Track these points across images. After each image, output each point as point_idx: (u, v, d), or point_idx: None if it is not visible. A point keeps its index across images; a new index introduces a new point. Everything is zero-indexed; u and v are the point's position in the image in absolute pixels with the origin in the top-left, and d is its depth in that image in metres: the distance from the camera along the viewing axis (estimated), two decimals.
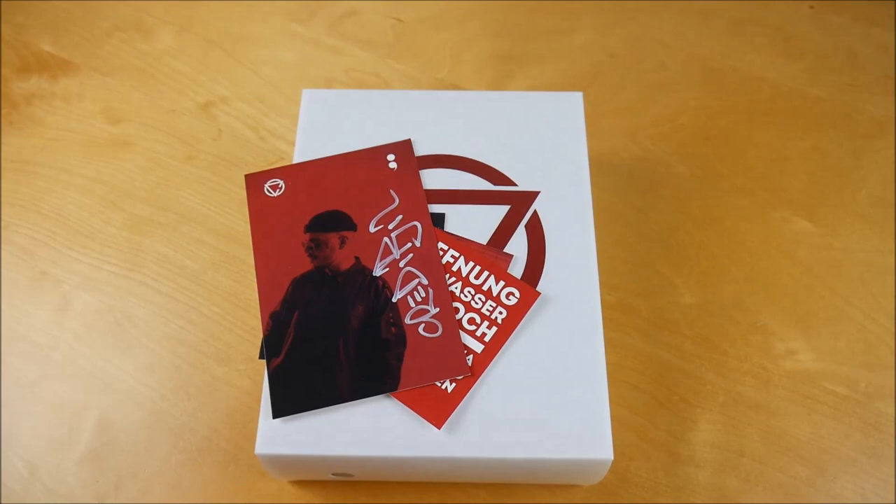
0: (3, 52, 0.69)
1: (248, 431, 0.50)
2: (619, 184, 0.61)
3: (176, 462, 0.49)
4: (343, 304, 0.44)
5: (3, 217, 0.60)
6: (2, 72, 0.68)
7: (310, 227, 0.46)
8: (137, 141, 0.64)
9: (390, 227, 0.46)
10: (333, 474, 0.46)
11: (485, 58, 0.68)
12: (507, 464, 0.41)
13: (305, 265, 0.45)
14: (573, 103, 0.49)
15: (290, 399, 0.41)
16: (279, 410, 0.41)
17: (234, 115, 0.65)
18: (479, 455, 0.40)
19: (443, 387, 0.41)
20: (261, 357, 0.43)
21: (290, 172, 0.48)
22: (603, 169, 0.60)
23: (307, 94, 0.50)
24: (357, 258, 0.45)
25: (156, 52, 0.69)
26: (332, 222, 0.47)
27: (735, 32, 0.70)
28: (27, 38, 0.70)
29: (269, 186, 0.48)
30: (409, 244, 0.45)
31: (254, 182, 0.48)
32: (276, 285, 0.44)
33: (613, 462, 0.40)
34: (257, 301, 0.55)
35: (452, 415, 0.41)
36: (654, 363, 0.53)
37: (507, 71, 0.67)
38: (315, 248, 0.46)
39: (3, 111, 0.65)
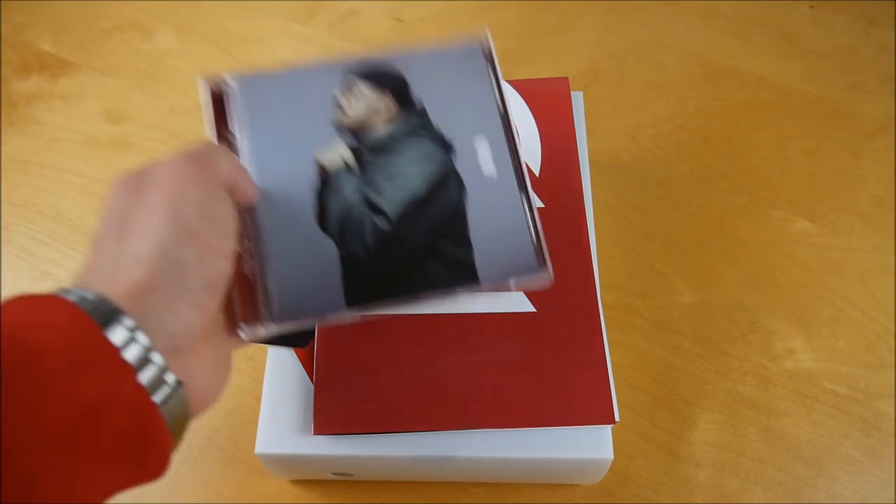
0: (3, 52, 0.69)
1: (248, 431, 0.50)
2: (619, 184, 0.61)
3: (176, 461, 0.49)
4: None
5: (3, 217, 0.60)
6: (2, 72, 0.68)
7: None
8: (137, 141, 0.64)
9: None
10: (333, 474, 0.46)
11: None
12: (507, 463, 0.41)
13: None
14: (573, 103, 0.49)
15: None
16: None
17: None
18: (479, 455, 0.40)
19: None
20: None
21: None
22: (603, 169, 0.60)
23: None
24: None
25: (156, 52, 0.69)
26: None
27: (735, 32, 0.70)
28: (27, 38, 0.70)
29: None
30: None
31: None
32: None
33: (613, 462, 0.40)
34: None
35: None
36: (654, 363, 0.53)
37: (507, 71, 0.67)
38: None
39: (3, 111, 0.65)
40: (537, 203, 0.45)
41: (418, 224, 0.37)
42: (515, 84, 0.49)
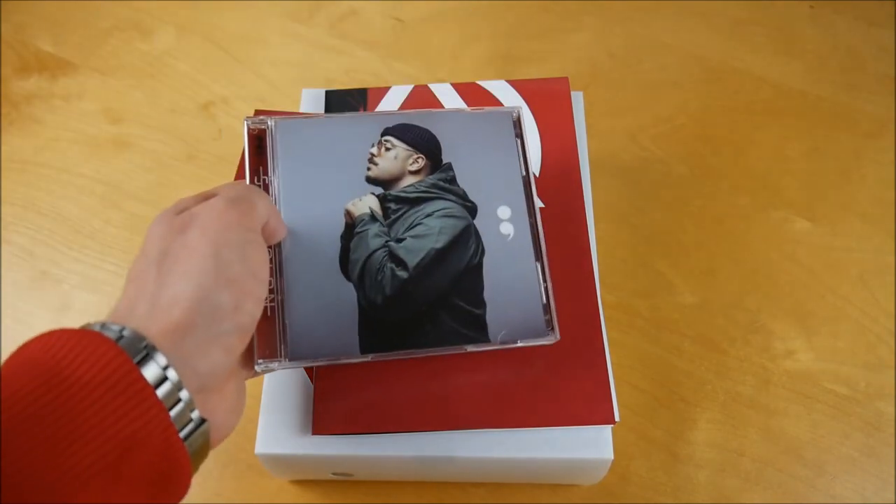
0: (3, 52, 0.69)
1: (248, 431, 0.50)
2: (619, 184, 0.61)
3: None
4: None
5: (3, 217, 0.60)
6: (2, 72, 0.68)
7: None
8: (137, 141, 0.64)
9: None
10: (333, 474, 0.46)
11: (485, 58, 0.68)
12: (507, 463, 0.41)
13: None
14: (573, 103, 0.49)
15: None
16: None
17: (234, 115, 0.65)
18: (479, 455, 0.40)
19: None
20: None
21: None
22: (603, 169, 0.60)
23: (307, 94, 0.50)
24: None
25: (156, 52, 0.69)
26: None
27: (735, 32, 0.70)
28: (27, 38, 0.70)
29: None
30: None
31: None
32: None
33: (613, 462, 0.40)
34: None
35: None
36: (654, 363, 0.53)
37: (507, 71, 0.67)
38: None
39: (3, 111, 0.65)
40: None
41: (436, 276, 0.39)
42: (515, 84, 0.49)
